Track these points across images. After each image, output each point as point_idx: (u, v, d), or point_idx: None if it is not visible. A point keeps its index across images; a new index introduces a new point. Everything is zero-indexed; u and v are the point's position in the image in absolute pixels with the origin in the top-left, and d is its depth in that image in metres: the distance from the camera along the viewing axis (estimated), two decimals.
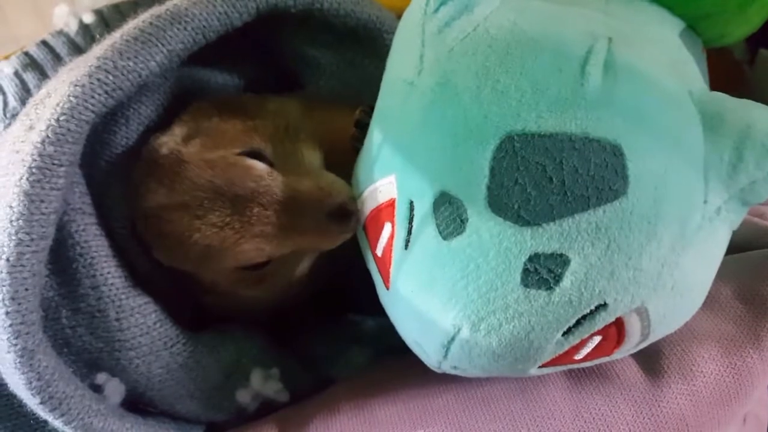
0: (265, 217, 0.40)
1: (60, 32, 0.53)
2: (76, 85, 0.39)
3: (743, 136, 0.35)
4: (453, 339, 0.37)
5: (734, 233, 0.40)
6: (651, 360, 0.43)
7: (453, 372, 0.40)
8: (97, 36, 0.52)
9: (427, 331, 0.38)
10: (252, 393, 0.48)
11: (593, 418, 0.42)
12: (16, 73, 0.52)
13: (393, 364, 0.50)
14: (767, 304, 0.43)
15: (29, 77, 0.52)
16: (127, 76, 0.40)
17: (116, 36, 0.42)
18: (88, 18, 0.53)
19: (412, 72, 0.38)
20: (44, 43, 0.53)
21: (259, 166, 0.41)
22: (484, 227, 0.35)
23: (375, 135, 0.40)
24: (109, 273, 0.43)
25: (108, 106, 0.40)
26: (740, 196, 0.36)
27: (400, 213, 0.38)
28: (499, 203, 0.34)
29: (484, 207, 0.34)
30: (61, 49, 0.52)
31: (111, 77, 0.40)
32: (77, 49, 0.52)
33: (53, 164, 0.38)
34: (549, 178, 0.34)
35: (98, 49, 0.42)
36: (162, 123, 0.47)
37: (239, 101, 0.48)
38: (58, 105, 0.39)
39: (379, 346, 0.53)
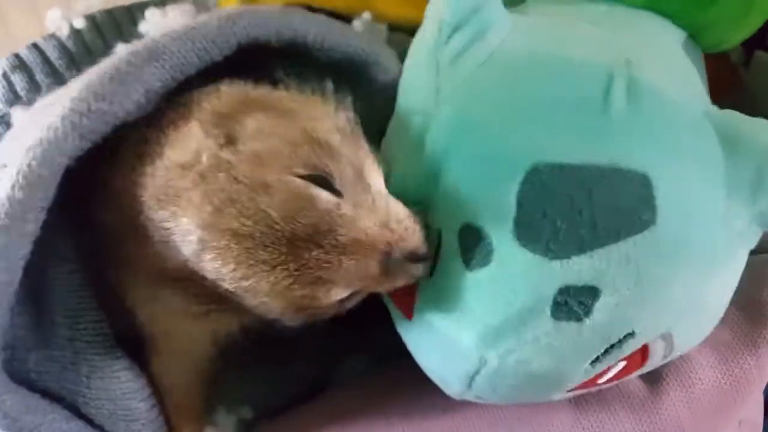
0: (326, 263, 0.35)
1: (51, 36, 0.53)
2: (48, 128, 0.37)
3: (763, 158, 0.35)
4: (479, 371, 0.36)
5: None
6: None
7: (474, 401, 0.40)
8: (88, 41, 0.52)
9: (451, 363, 0.37)
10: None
11: (592, 426, 0.42)
12: (4, 75, 0.51)
13: (390, 370, 0.50)
14: (763, 311, 0.44)
15: (17, 79, 0.51)
16: (102, 118, 0.37)
17: (92, 74, 0.39)
18: (79, 23, 0.53)
19: (429, 104, 0.37)
20: (35, 46, 0.52)
21: (324, 197, 0.35)
22: (511, 259, 0.34)
23: (393, 168, 0.39)
24: (85, 329, 0.42)
25: (83, 149, 0.38)
26: (760, 219, 0.36)
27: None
28: (526, 235, 0.34)
29: (511, 239, 0.34)
30: (51, 52, 0.52)
31: (86, 120, 0.37)
32: (67, 53, 0.52)
33: (22, 210, 0.36)
34: (578, 210, 0.33)
35: (74, 87, 0.39)
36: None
37: (271, 95, 0.42)
38: (30, 149, 0.36)
39: (378, 353, 0.53)
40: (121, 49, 0.48)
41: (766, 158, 0.35)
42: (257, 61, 0.46)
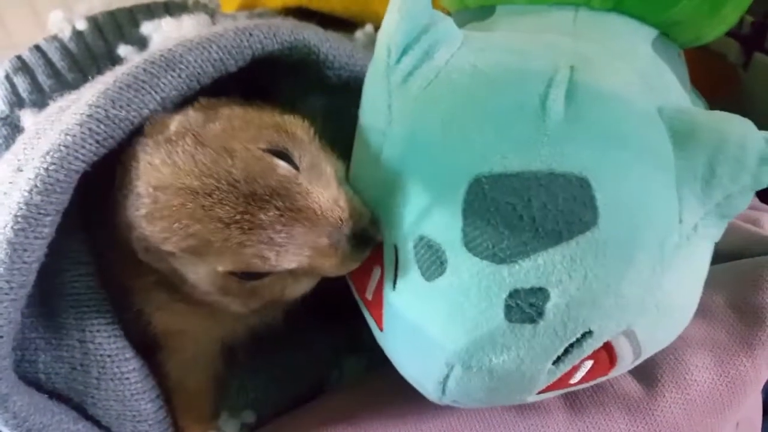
0: (279, 224, 0.36)
1: (54, 37, 0.54)
2: (66, 134, 0.38)
3: (715, 151, 0.35)
4: (448, 377, 0.37)
5: (727, 242, 0.40)
6: (645, 369, 0.43)
7: (455, 405, 0.41)
8: (90, 42, 0.53)
9: (423, 370, 0.39)
10: None
11: (588, 428, 0.42)
12: (7, 77, 0.52)
13: (386, 372, 0.49)
14: (759, 313, 0.43)
15: (19, 81, 0.52)
16: (119, 125, 0.39)
17: (109, 81, 0.40)
18: (81, 25, 0.54)
19: (382, 122, 0.39)
20: (37, 47, 0.54)
21: (283, 166, 0.38)
22: (463, 268, 0.35)
23: (355, 183, 0.41)
24: (98, 332, 0.43)
25: (99, 155, 0.39)
26: (717, 211, 0.36)
27: (387, 257, 0.39)
28: (474, 244, 0.35)
29: (461, 248, 0.35)
30: (53, 54, 0.53)
31: (103, 126, 0.39)
32: (69, 55, 0.53)
33: (39, 214, 0.38)
34: (519, 216, 0.34)
35: (90, 93, 0.40)
36: None
37: (259, 104, 0.44)
38: (48, 153, 0.38)
39: (376, 354, 0.53)
40: (128, 52, 0.51)
41: (718, 150, 0.35)
42: (266, 78, 0.48)
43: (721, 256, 0.46)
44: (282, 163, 0.38)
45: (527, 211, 0.34)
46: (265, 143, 0.38)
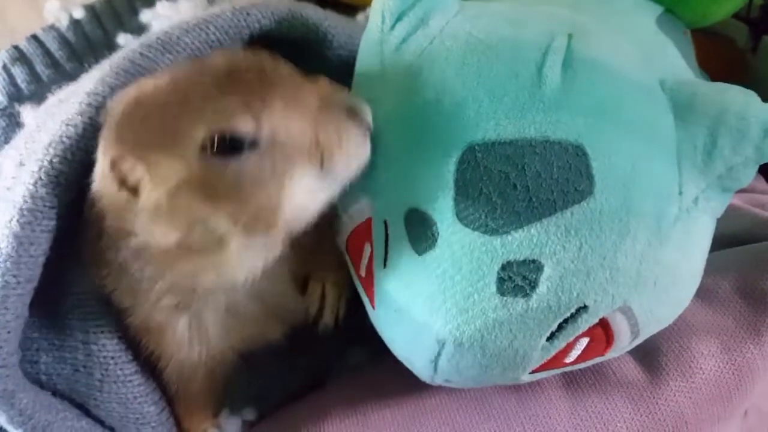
0: (260, 83, 0.34)
1: (51, 27, 0.53)
2: (68, 125, 0.37)
3: (716, 121, 0.34)
4: (439, 354, 0.36)
5: (734, 226, 0.39)
6: (649, 356, 0.42)
7: (447, 385, 0.40)
8: (88, 31, 0.53)
9: (415, 348, 0.38)
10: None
11: (590, 416, 0.41)
12: (5, 67, 0.52)
13: (386, 363, 0.48)
14: (767, 299, 0.42)
15: (17, 71, 0.52)
16: None
17: (106, 67, 0.39)
18: (79, 13, 0.53)
19: (376, 92, 0.38)
20: (34, 37, 0.53)
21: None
22: (454, 239, 0.34)
23: None
24: (102, 333, 0.42)
25: None
26: (719, 183, 0.35)
27: (377, 233, 0.38)
28: (466, 214, 0.34)
29: (453, 219, 0.34)
30: (51, 44, 0.52)
31: (103, 114, 0.37)
32: (67, 44, 0.53)
33: (45, 206, 0.37)
34: (513, 185, 0.33)
35: (88, 81, 0.39)
36: None
37: None
38: (50, 145, 0.37)
39: (378, 343, 0.51)
40: (128, 41, 0.49)
41: (719, 121, 0.34)
42: None
43: (727, 240, 0.45)
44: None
45: (521, 179, 0.33)
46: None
